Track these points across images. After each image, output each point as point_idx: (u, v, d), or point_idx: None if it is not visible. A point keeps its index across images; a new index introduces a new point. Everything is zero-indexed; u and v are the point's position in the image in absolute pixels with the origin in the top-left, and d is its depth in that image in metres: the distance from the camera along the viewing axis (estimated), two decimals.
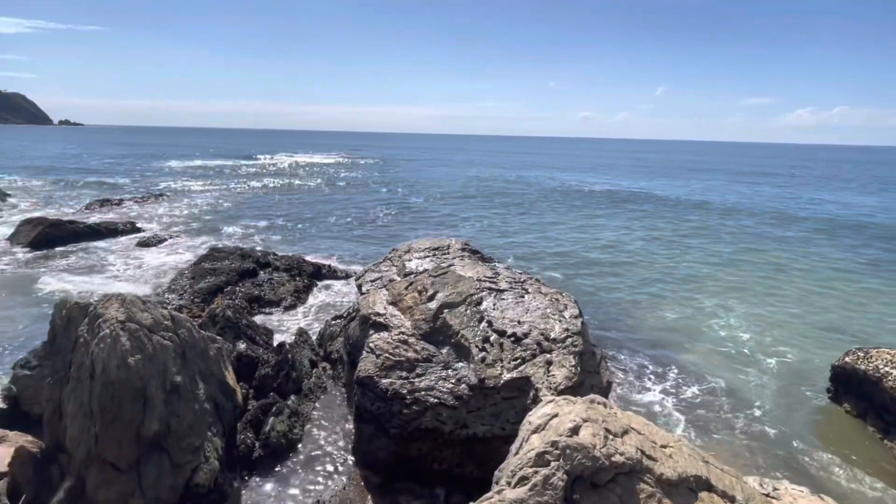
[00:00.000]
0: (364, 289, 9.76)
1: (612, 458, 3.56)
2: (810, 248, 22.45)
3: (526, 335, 7.56)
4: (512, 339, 7.56)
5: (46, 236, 19.97)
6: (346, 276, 16.35)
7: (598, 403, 4.19)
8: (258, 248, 18.39)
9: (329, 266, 16.93)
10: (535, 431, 3.99)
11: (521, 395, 7.08)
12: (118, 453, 5.53)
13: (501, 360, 7.39)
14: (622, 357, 11.35)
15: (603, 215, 30.67)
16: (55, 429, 6.17)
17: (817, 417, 9.47)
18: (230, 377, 7.61)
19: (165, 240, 20.92)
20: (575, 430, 3.72)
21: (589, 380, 7.27)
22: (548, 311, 7.95)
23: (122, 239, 21.35)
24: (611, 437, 3.71)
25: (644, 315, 14.03)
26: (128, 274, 16.66)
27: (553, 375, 7.06)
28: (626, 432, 3.86)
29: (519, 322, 7.78)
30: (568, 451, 3.54)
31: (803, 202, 39.13)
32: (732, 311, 14.41)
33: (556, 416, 4.01)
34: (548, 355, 7.32)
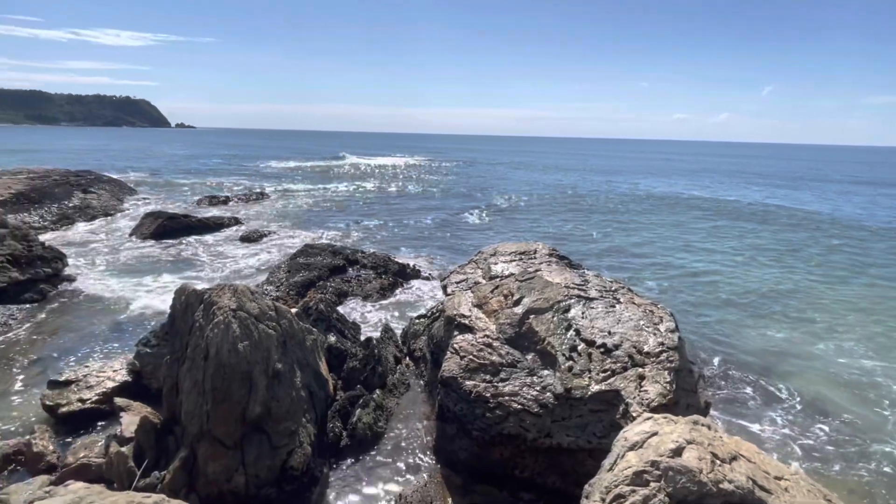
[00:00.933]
0: (449, 290, 9.87)
1: (721, 486, 3.32)
2: None
3: (617, 347, 7.28)
4: (601, 349, 7.31)
5: (164, 228, 22.17)
6: (430, 277, 16.63)
7: (703, 425, 3.94)
8: (347, 246, 19.20)
9: (413, 266, 17.31)
10: (631, 448, 3.82)
11: (609, 408, 6.82)
12: (225, 431, 6.00)
13: (589, 371, 7.17)
14: (723, 378, 10.58)
15: (699, 224, 28.86)
16: (172, 403, 6.81)
17: None
18: (324, 367, 8.00)
19: (264, 235, 22.43)
20: (678, 452, 3.51)
21: (685, 399, 6.85)
22: (641, 323, 7.60)
23: (227, 233, 23.19)
24: (718, 462, 3.47)
25: (747, 333, 13.00)
26: (230, 265, 18.06)
27: (645, 391, 6.73)
28: (734, 458, 3.59)
29: (609, 333, 7.51)
30: (671, 472, 3.36)
31: None
32: (850, 333, 12.99)
33: (655, 434, 3.82)
34: (640, 369, 7.00)
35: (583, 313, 7.95)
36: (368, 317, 13.52)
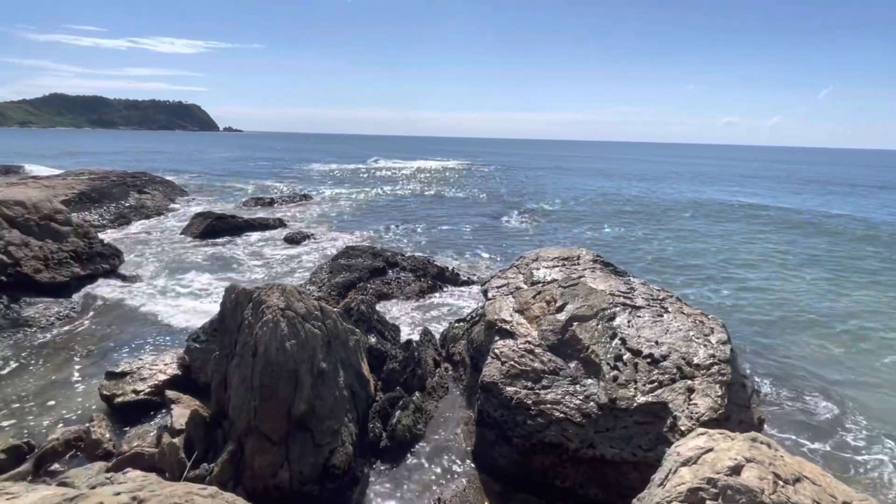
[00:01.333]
0: (490, 294, 9.81)
1: None
2: None
3: (664, 357, 7.06)
4: (648, 360, 7.11)
5: (212, 228, 22.99)
6: (469, 281, 16.60)
7: (762, 443, 3.75)
8: (387, 249, 19.40)
9: (452, 269, 17.32)
10: (685, 464, 3.68)
11: (656, 421, 6.62)
12: (272, 426, 6.14)
13: (635, 382, 6.98)
14: (778, 393, 10.10)
15: (750, 233, 27.72)
16: (221, 397, 7.02)
17: None
18: (365, 368, 8.09)
19: (307, 237, 22.94)
20: (736, 470, 3.36)
21: (737, 414, 6.57)
22: (690, 333, 7.35)
23: (271, 233, 23.84)
24: (780, 483, 3.29)
25: (804, 348, 12.37)
26: (274, 265, 18.54)
27: (695, 404, 6.50)
28: (798, 480, 3.40)
29: (657, 343, 7.29)
30: (729, 491, 3.21)
31: None
32: None
33: (710, 450, 3.67)
34: (689, 382, 6.76)
35: (629, 322, 7.75)
36: (407, 319, 13.60)
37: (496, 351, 7.91)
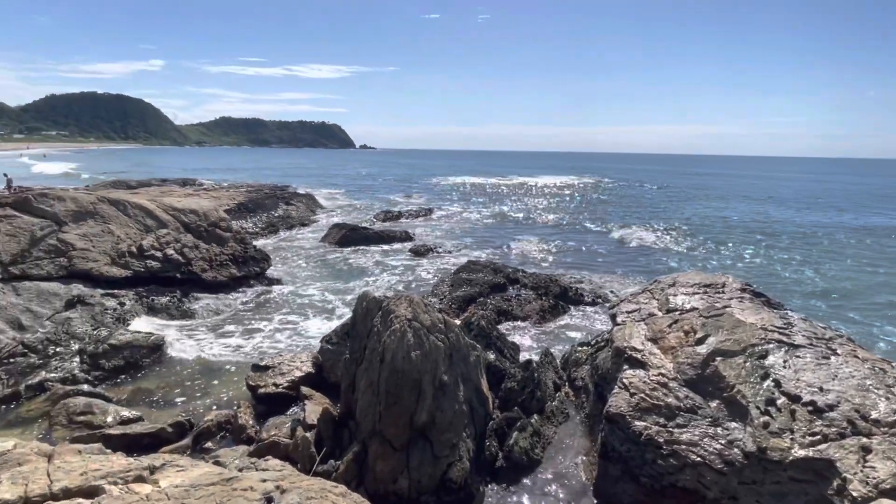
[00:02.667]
0: (619, 319, 9.25)
1: None
2: None
3: (831, 407, 6.05)
4: (809, 408, 6.15)
5: (347, 238, 24.78)
6: (594, 302, 15.88)
7: None
8: (508, 265, 19.30)
9: (576, 289, 16.71)
10: None
11: (818, 480, 5.68)
12: (395, 432, 6.32)
13: (792, 432, 6.06)
14: None
15: None
16: (349, 399, 7.40)
17: None
18: (484, 385, 8.03)
19: (431, 249, 23.70)
20: None
21: None
22: (867, 382, 6.23)
23: (398, 245, 25.03)
24: None
25: None
26: (399, 275, 19.37)
27: (872, 467, 5.46)
28: None
29: (821, 389, 6.28)
30: None
31: None
32: None
33: None
34: (864, 439, 5.71)
35: (784, 362, 6.80)
36: (527, 338, 13.34)
37: (625, 381, 7.40)
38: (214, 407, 9.52)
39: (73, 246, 13.77)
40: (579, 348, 11.02)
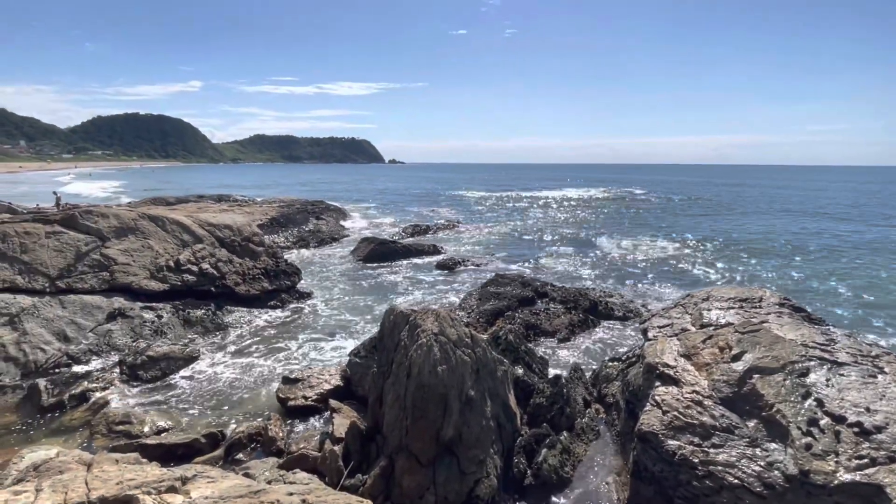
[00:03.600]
0: (650, 335, 9.04)
1: None
2: None
3: (879, 429, 5.75)
4: (856, 429, 5.85)
5: (375, 252, 25.02)
6: (624, 317, 15.56)
7: None
8: (537, 278, 19.13)
9: (606, 303, 16.41)
10: None
11: None
12: (421, 447, 6.29)
13: (836, 454, 5.78)
14: None
15: None
16: (376, 413, 7.42)
17: None
18: (512, 400, 7.94)
19: (459, 263, 23.70)
20: None
21: None
22: None
23: (426, 259, 25.13)
24: None
25: None
26: (427, 288, 19.41)
27: None
28: None
29: (867, 409, 5.98)
30: None
31: None
32: None
33: None
34: None
35: (827, 380, 6.50)
36: (556, 353, 13.15)
37: (657, 398, 7.20)
38: (246, 418, 9.68)
39: (115, 261, 14.33)
40: (610, 363, 10.79)
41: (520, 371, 9.91)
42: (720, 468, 6.22)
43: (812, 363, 6.72)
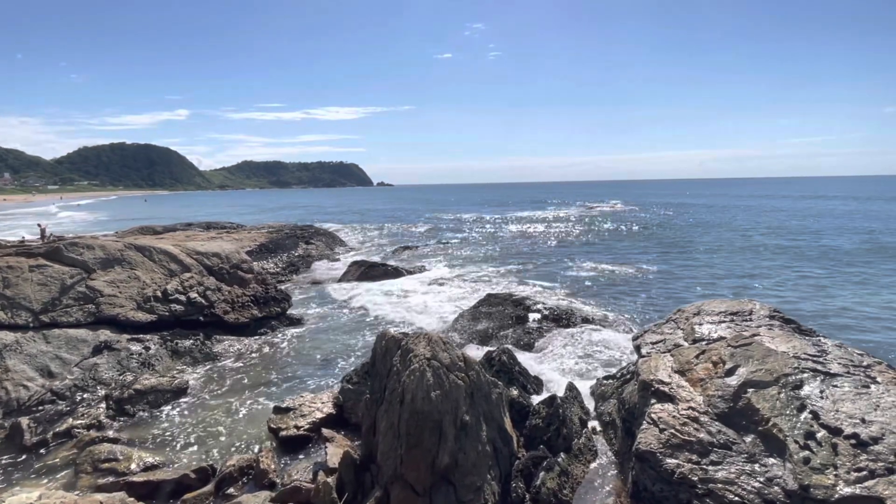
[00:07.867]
0: (643, 351, 9.02)
1: None
2: None
3: (876, 440, 5.74)
4: (853, 441, 5.83)
5: (365, 275, 24.92)
6: (617, 332, 15.54)
7: None
8: (529, 297, 19.10)
9: (598, 320, 16.41)
10: None
11: None
12: (416, 476, 6.16)
13: (835, 467, 5.75)
14: None
15: None
16: (370, 441, 7.28)
17: None
18: (508, 423, 7.83)
19: (449, 282, 23.65)
20: None
21: None
22: None
23: (416, 278, 25.04)
24: None
25: None
26: (418, 310, 19.28)
27: None
28: None
29: (863, 420, 5.97)
30: None
31: None
32: None
33: None
34: None
35: (821, 392, 6.50)
36: (550, 371, 13.05)
37: (653, 416, 7.15)
38: (238, 450, 9.44)
39: (100, 292, 14.10)
40: (605, 381, 10.73)
41: (515, 392, 9.81)
42: (720, 485, 6.15)
43: (805, 375, 6.73)
